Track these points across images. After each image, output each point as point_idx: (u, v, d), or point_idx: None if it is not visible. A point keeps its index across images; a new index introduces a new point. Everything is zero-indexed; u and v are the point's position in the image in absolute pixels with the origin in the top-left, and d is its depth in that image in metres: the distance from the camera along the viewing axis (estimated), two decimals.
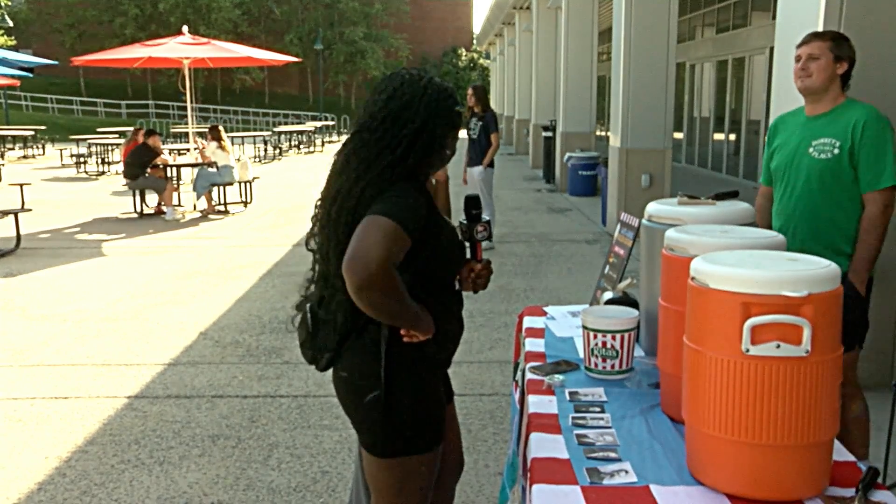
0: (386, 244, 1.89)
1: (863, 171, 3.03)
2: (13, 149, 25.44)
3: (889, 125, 3.06)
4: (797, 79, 3.15)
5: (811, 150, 3.11)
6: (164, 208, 11.90)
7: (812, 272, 1.61)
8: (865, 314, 3.13)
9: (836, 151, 3.04)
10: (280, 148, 25.33)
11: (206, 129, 13.20)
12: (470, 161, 9.11)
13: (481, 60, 58.53)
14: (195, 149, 13.27)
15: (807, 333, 1.56)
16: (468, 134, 9.03)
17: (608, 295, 2.77)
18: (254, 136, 24.78)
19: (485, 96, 9.13)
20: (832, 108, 3.13)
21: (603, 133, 21.35)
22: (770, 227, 3.31)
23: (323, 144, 29.18)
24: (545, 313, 3.13)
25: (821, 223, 3.12)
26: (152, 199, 12.41)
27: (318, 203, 2.18)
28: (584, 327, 2.40)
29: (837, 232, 3.10)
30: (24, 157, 23.93)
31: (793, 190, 3.18)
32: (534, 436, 2.00)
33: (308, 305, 2.21)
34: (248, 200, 12.91)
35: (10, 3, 38.24)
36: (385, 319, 2.02)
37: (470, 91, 9.10)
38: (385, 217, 1.92)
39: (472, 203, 2.31)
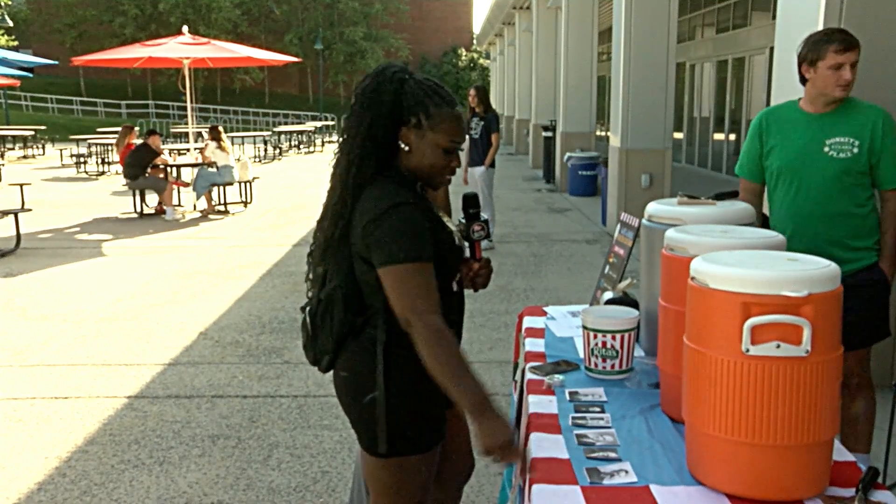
0: (419, 290, 1.93)
1: (885, 168, 3.03)
2: (13, 149, 25.43)
3: None
4: (837, 88, 3.01)
5: (826, 149, 3.05)
6: (164, 208, 11.91)
7: (812, 272, 1.61)
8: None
9: (856, 150, 3.01)
10: (280, 148, 25.33)
11: (206, 131, 13.20)
12: (471, 161, 9.11)
13: (481, 60, 58.52)
14: (196, 148, 13.28)
15: (807, 333, 1.56)
16: (469, 134, 9.04)
17: (608, 295, 2.77)
18: (254, 136, 24.78)
19: (486, 97, 9.14)
20: (839, 107, 3.08)
21: (603, 133, 21.36)
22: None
23: (323, 144, 29.18)
24: (545, 313, 3.13)
25: (839, 221, 3.08)
26: (153, 199, 12.41)
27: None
28: (584, 327, 2.40)
29: (855, 228, 3.09)
30: (24, 157, 23.93)
31: (808, 190, 3.10)
32: (534, 436, 2.00)
33: (307, 308, 2.21)
34: (248, 200, 12.91)
35: (10, 3, 38.23)
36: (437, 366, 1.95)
37: (472, 91, 9.11)
38: (400, 264, 1.94)
39: (470, 202, 2.28)
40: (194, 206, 12.37)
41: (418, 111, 2.03)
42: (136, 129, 13.82)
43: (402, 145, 2.06)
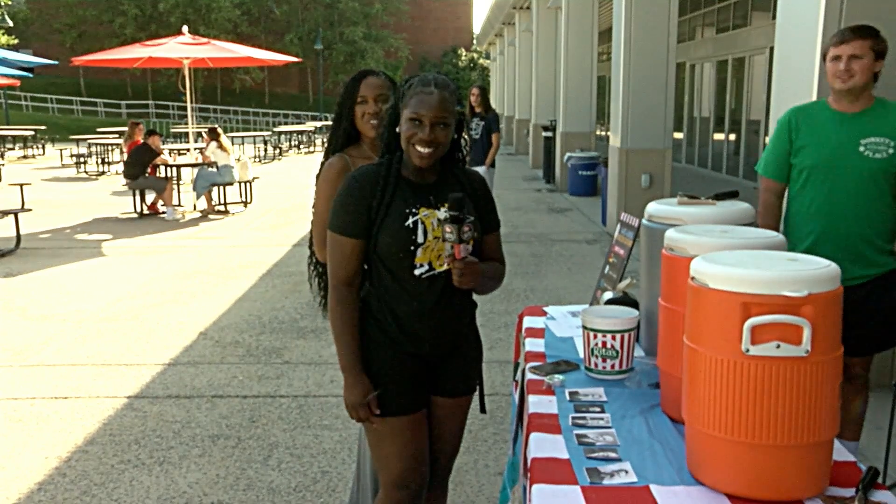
0: (333, 258, 2.25)
1: None
2: (13, 149, 25.42)
3: None
4: (837, 80, 3.01)
5: (862, 149, 3.02)
6: (160, 207, 11.89)
7: (812, 272, 1.61)
8: None
9: (891, 151, 3.00)
10: (280, 148, 25.33)
11: (205, 131, 13.20)
12: (472, 161, 9.10)
13: (481, 60, 58.54)
14: (196, 148, 13.26)
15: (807, 333, 1.56)
16: (469, 134, 9.03)
17: (608, 295, 2.77)
18: (254, 136, 24.78)
19: (487, 97, 9.17)
20: (870, 106, 3.06)
21: (603, 133, 21.36)
22: (778, 227, 3.23)
23: (323, 144, 29.09)
24: (545, 313, 3.13)
25: (873, 222, 3.06)
26: (151, 198, 12.40)
27: None
28: (584, 327, 2.40)
29: (888, 230, 3.08)
30: (24, 157, 23.92)
31: (842, 189, 3.05)
32: (534, 436, 2.00)
33: None
34: (248, 200, 12.91)
35: (10, 3, 38.22)
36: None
37: (476, 90, 9.12)
38: (328, 230, 2.27)
39: (452, 203, 2.15)
40: (194, 206, 12.37)
41: (402, 97, 2.24)
42: (143, 126, 13.83)
43: (397, 129, 2.26)
